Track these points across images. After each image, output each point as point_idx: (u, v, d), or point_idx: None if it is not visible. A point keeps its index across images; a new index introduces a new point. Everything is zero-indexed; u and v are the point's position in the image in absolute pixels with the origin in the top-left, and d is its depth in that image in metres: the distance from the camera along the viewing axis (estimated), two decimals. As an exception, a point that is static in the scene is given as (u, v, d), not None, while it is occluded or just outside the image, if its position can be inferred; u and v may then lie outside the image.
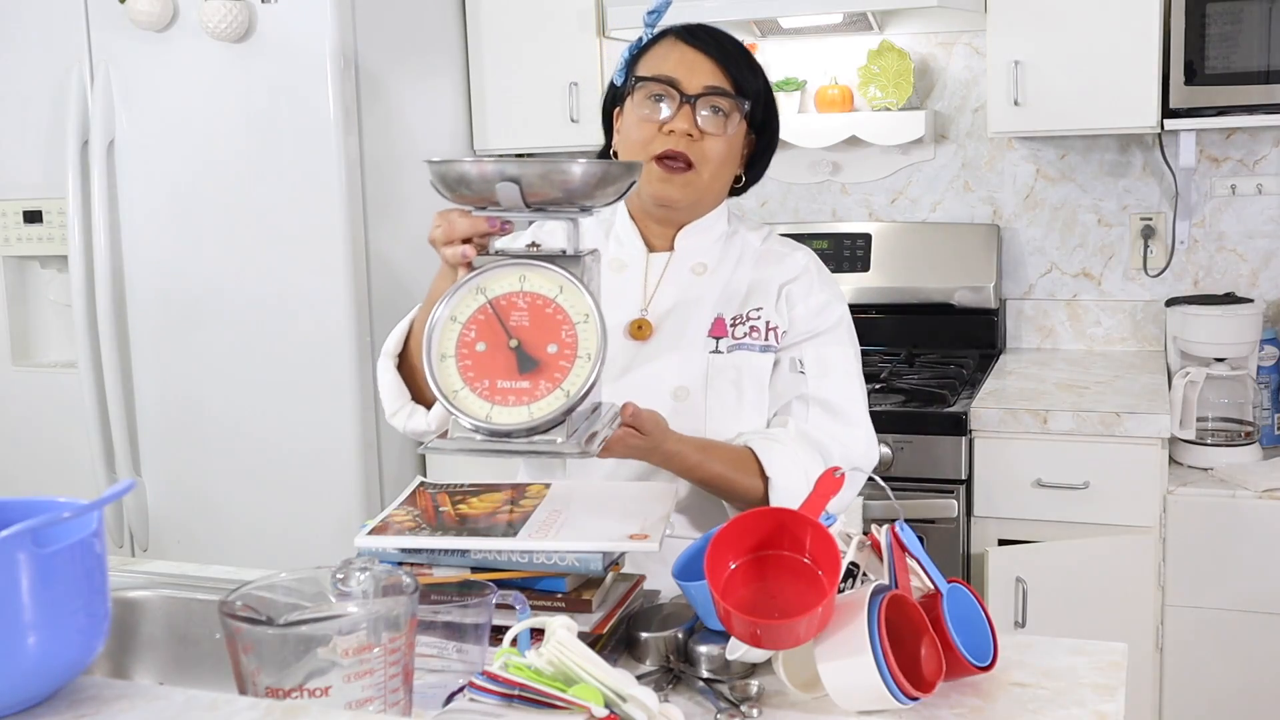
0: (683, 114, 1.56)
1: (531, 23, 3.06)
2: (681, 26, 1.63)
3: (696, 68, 1.58)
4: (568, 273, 1.25)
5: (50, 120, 2.85)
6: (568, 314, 1.23)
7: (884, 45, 3.09)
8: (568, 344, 1.23)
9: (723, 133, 1.58)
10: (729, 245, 1.68)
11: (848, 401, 1.63)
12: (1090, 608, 2.45)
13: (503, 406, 1.22)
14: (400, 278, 2.81)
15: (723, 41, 1.61)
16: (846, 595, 1.18)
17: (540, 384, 1.22)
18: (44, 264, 3.05)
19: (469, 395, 1.23)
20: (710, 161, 1.59)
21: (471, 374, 1.23)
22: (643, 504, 1.38)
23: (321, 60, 2.63)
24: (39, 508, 0.87)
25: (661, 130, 1.57)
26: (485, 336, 1.24)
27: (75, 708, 0.85)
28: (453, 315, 1.25)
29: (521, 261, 1.26)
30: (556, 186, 1.24)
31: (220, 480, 2.81)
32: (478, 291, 1.25)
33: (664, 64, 1.59)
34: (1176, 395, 2.58)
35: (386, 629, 0.99)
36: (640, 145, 1.59)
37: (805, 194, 3.29)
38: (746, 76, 1.60)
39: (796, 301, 1.65)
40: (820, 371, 1.63)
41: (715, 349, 1.61)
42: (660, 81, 1.58)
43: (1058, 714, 1.14)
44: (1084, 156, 3.07)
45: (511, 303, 1.25)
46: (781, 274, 1.66)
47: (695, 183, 1.59)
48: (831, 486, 1.28)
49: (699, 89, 1.57)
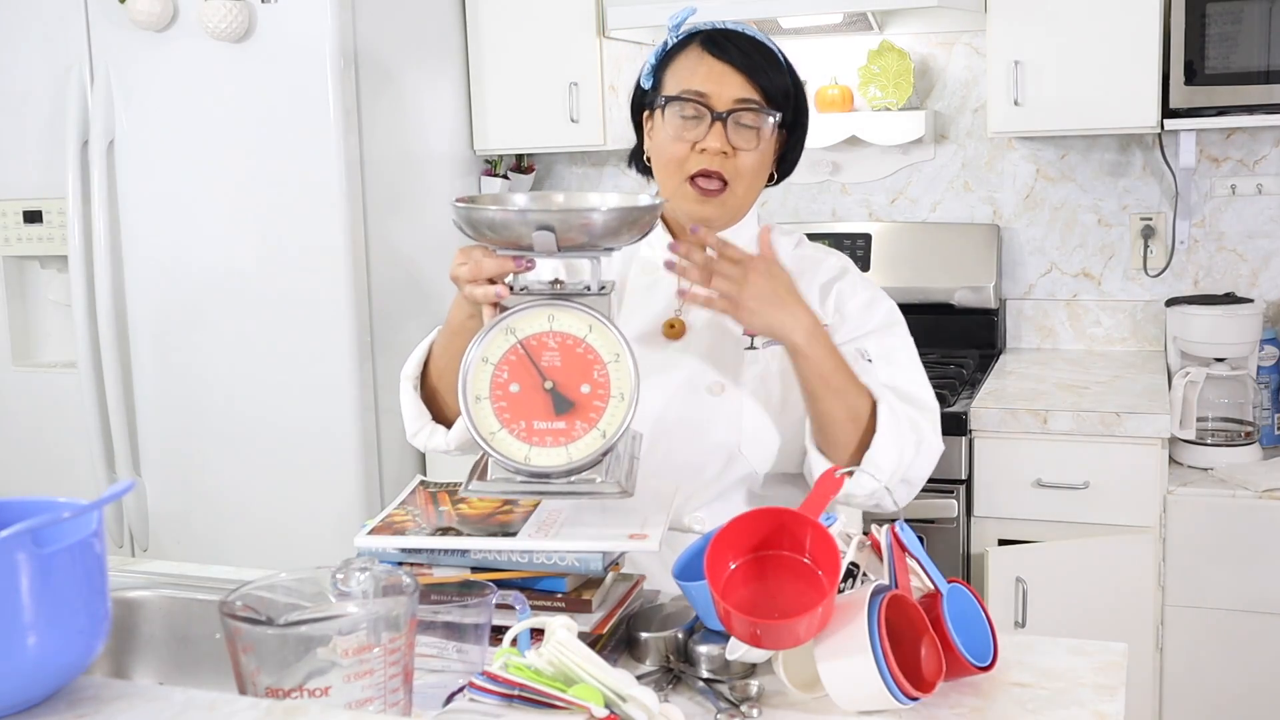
0: (714, 132, 1.55)
1: (531, 23, 3.06)
2: (706, 35, 1.60)
3: (725, 81, 1.56)
4: (595, 312, 1.26)
5: (50, 120, 2.85)
6: (599, 354, 1.25)
7: (884, 45, 3.09)
8: (600, 384, 1.24)
9: (755, 146, 1.57)
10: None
11: (917, 387, 1.62)
12: (1090, 608, 2.45)
13: (540, 448, 1.23)
14: (401, 278, 2.81)
15: (748, 50, 1.59)
16: (846, 595, 1.18)
17: (576, 424, 1.23)
18: (44, 264, 3.05)
19: (507, 437, 1.24)
20: (745, 176, 1.59)
21: (508, 415, 1.24)
22: (643, 504, 1.38)
23: (322, 60, 2.63)
24: (39, 508, 0.87)
25: (694, 149, 1.56)
26: (518, 377, 1.25)
27: (75, 708, 0.85)
28: (484, 357, 1.26)
29: (549, 301, 1.27)
30: (586, 231, 1.25)
31: (220, 480, 2.81)
32: (508, 332, 1.26)
33: (692, 78, 1.57)
34: (1176, 395, 2.58)
35: (386, 629, 0.99)
36: (675, 164, 1.58)
37: (805, 194, 3.29)
38: (775, 82, 1.58)
39: (847, 298, 1.64)
40: (888, 361, 1.61)
41: (751, 345, 1.61)
42: (689, 100, 1.57)
43: (1058, 714, 1.14)
44: (1084, 156, 3.07)
45: (542, 343, 1.25)
46: (820, 276, 1.66)
47: (730, 201, 1.60)
48: (831, 486, 1.28)
49: (729, 104, 1.56)
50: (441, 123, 3.07)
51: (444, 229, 3.04)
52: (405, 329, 2.78)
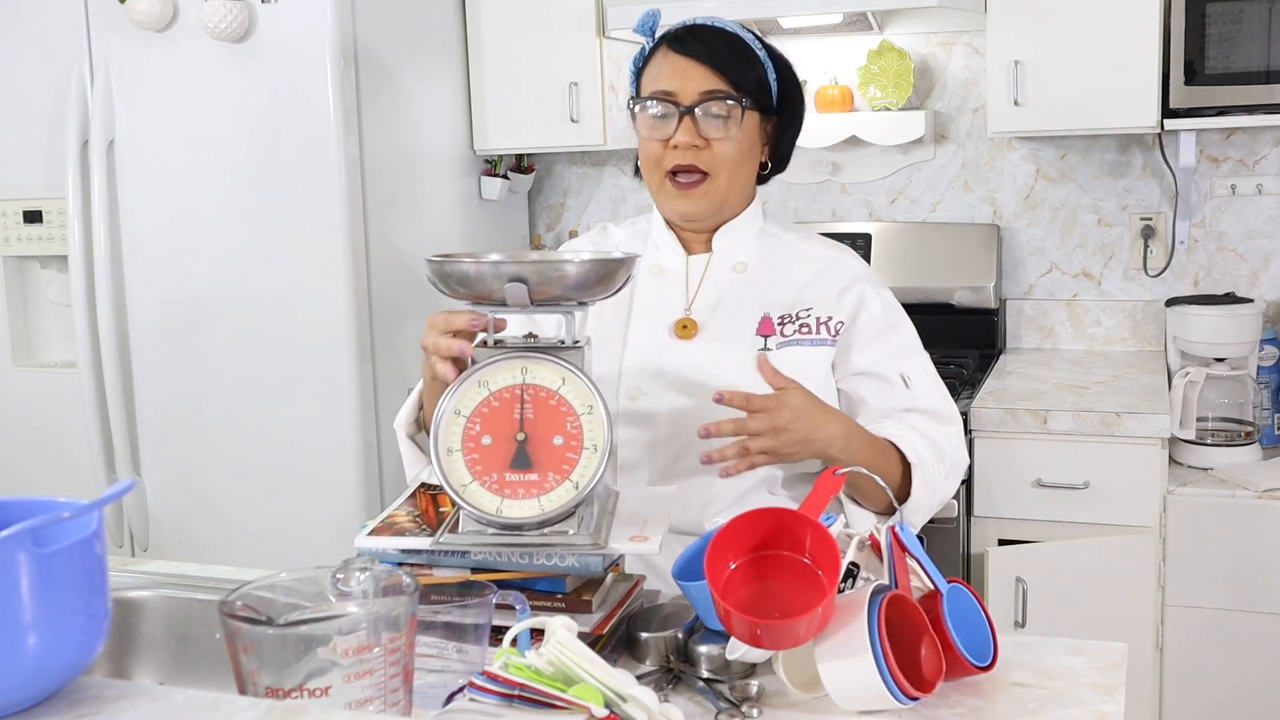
0: (684, 126, 1.56)
1: (531, 23, 3.06)
2: (672, 34, 1.62)
3: (690, 76, 1.57)
4: (569, 364, 1.26)
5: (50, 120, 2.85)
6: (571, 406, 1.25)
7: (884, 45, 3.09)
8: (573, 435, 1.24)
9: (728, 135, 1.58)
10: (767, 243, 1.69)
11: (944, 403, 1.68)
12: (1090, 608, 2.45)
13: (513, 500, 1.23)
14: (401, 278, 2.81)
15: (711, 42, 1.59)
16: (846, 595, 1.18)
17: (549, 476, 1.23)
18: (44, 264, 3.05)
19: (478, 489, 1.24)
20: (724, 166, 1.59)
21: (479, 467, 1.24)
22: (643, 505, 1.38)
23: (322, 60, 2.63)
24: (39, 508, 0.87)
25: (668, 146, 1.58)
26: (490, 430, 1.25)
27: (75, 708, 0.85)
28: (457, 409, 1.26)
29: (522, 354, 1.27)
30: (560, 284, 1.26)
31: (220, 480, 2.81)
32: (480, 385, 1.26)
33: (659, 77, 1.59)
34: (1176, 395, 2.58)
35: (386, 629, 0.99)
36: (653, 163, 1.61)
37: (805, 194, 3.29)
38: (743, 71, 1.59)
39: (870, 301, 1.65)
40: (915, 381, 1.65)
41: (764, 346, 1.61)
42: (657, 98, 1.58)
43: (1058, 714, 1.14)
44: (1084, 156, 3.07)
45: (515, 395, 1.25)
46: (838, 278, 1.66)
47: (713, 191, 1.60)
48: (831, 486, 1.28)
49: (694, 97, 1.57)
50: (441, 123, 3.07)
51: (444, 229, 3.05)
52: (405, 329, 2.77)
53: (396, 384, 2.73)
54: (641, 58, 1.65)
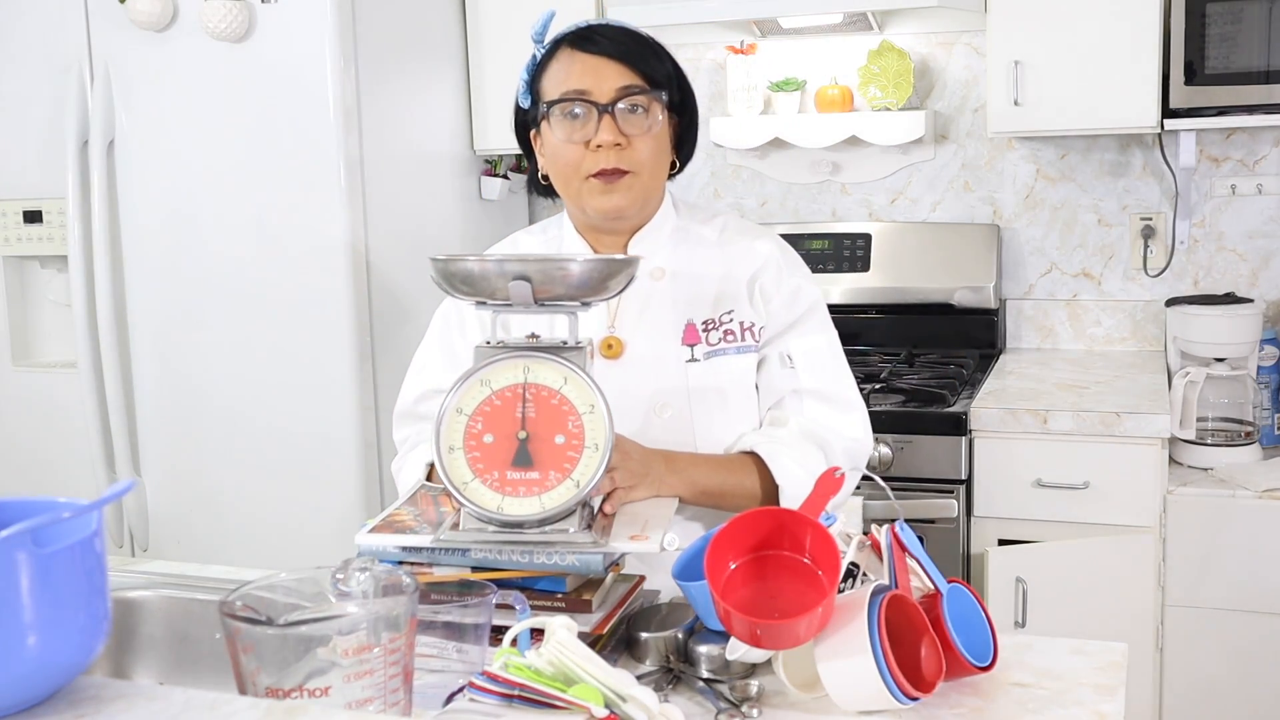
0: (605, 125, 1.53)
1: (531, 23, 3.05)
2: (572, 34, 1.58)
3: (603, 73, 1.54)
4: (571, 364, 1.26)
5: (50, 120, 2.84)
6: (573, 405, 1.25)
7: (884, 45, 3.09)
8: (575, 434, 1.25)
9: (648, 131, 1.55)
10: (684, 244, 1.65)
11: (841, 387, 1.63)
12: (1090, 608, 2.45)
13: (514, 498, 1.24)
14: (400, 278, 2.81)
15: (619, 39, 1.56)
16: (846, 595, 1.18)
17: (550, 474, 1.24)
18: (44, 264, 3.05)
19: (480, 487, 1.24)
20: (646, 163, 1.56)
21: (481, 465, 1.25)
22: (643, 506, 1.38)
23: (321, 60, 2.63)
24: (39, 508, 0.87)
25: (589, 148, 1.54)
26: (492, 428, 1.25)
27: (75, 708, 0.85)
28: (459, 408, 1.26)
29: (524, 354, 1.27)
30: (563, 283, 1.27)
31: (220, 480, 2.81)
32: (482, 383, 1.27)
33: (569, 78, 1.55)
34: (1176, 395, 2.58)
35: (386, 629, 0.99)
36: (573, 168, 1.56)
37: (805, 194, 3.29)
38: (654, 66, 1.56)
39: (771, 294, 1.63)
40: (808, 363, 1.62)
41: (691, 358, 1.59)
42: (571, 99, 1.54)
43: (1058, 714, 1.14)
44: (1084, 156, 3.07)
45: (517, 394, 1.26)
46: (747, 268, 1.63)
47: (637, 185, 1.56)
48: (831, 486, 1.28)
49: (612, 94, 1.53)
50: (441, 122, 3.07)
51: (444, 229, 3.05)
52: (405, 329, 2.77)
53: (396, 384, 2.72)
54: (534, 65, 1.60)
